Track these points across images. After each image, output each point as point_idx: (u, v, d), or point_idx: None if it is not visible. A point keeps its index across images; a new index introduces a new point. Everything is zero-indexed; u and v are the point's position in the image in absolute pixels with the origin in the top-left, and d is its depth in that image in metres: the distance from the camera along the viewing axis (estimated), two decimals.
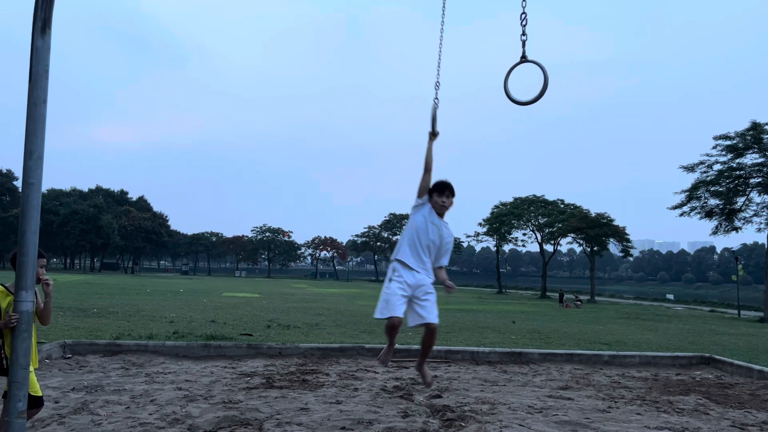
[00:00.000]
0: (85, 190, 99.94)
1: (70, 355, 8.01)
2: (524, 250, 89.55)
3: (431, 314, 4.57)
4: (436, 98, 4.83)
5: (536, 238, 58.44)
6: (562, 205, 56.49)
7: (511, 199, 59.13)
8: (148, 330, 11.32)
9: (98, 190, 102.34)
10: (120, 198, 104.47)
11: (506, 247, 73.15)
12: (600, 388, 7.11)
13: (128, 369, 7.29)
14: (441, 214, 4.72)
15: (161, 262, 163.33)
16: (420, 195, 4.73)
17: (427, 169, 4.71)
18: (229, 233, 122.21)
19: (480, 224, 62.62)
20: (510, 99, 4.72)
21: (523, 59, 4.65)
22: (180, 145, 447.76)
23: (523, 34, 4.61)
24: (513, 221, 57.68)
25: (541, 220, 56.97)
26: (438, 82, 4.90)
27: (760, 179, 32.54)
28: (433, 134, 4.79)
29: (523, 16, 4.56)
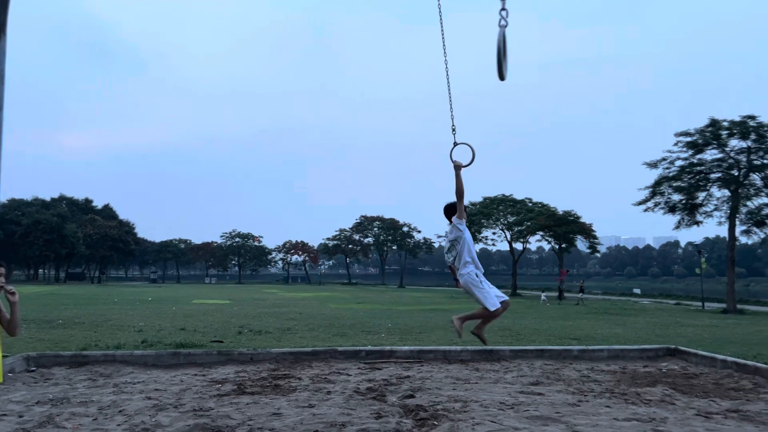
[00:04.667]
0: (48, 199, 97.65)
1: (34, 368, 7.82)
2: (494, 248, 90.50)
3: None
4: (454, 132, 5.71)
5: (506, 236, 59.00)
6: (530, 204, 57.15)
7: (480, 199, 59.63)
8: (115, 340, 11.13)
9: (61, 199, 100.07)
10: (84, 206, 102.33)
11: (477, 247, 73.81)
12: (570, 383, 7.22)
13: (95, 380, 7.14)
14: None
15: (129, 270, 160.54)
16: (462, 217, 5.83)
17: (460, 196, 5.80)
18: (197, 240, 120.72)
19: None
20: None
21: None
22: (144, 152, 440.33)
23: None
24: (483, 221, 58.13)
25: (510, 219, 57.54)
26: (453, 126, 5.72)
27: (719, 174, 33.44)
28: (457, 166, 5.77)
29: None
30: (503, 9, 4.41)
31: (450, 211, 5.88)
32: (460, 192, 5.69)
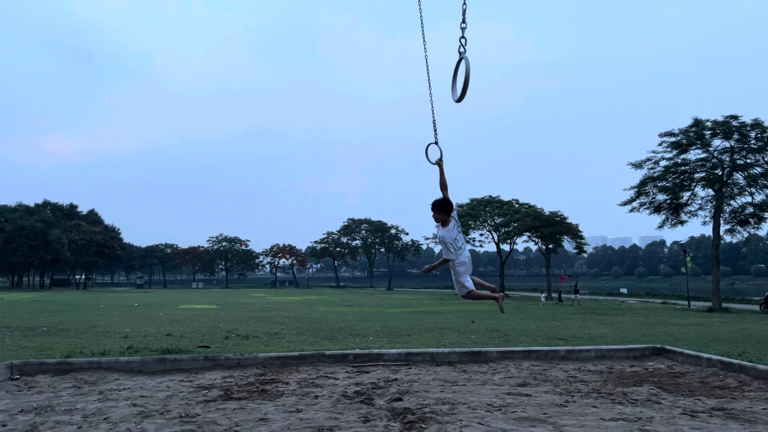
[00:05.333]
0: (32, 204, 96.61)
1: (18, 377, 7.72)
2: (482, 250, 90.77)
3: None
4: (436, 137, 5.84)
5: (493, 238, 59.25)
6: (516, 205, 57.45)
7: (467, 201, 59.82)
8: (101, 346, 11.02)
9: (46, 205, 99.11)
10: (69, 212, 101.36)
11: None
12: (557, 383, 7.24)
13: (80, 387, 7.06)
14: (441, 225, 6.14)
15: (115, 276, 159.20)
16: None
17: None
18: (184, 244, 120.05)
19: (438, 226, 63.11)
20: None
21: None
22: (129, 156, 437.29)
23: (463, 21, 4.69)
24: (470, 222, 58.32)
25: (497, 220, 57.81)
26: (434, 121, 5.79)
27: (703, 174, 33.80)
28: (434, 164, 5.96)
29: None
30: (462, 37, 4.52)
31: (445, 206, 5.98)
32: (447, 185, 6.07)
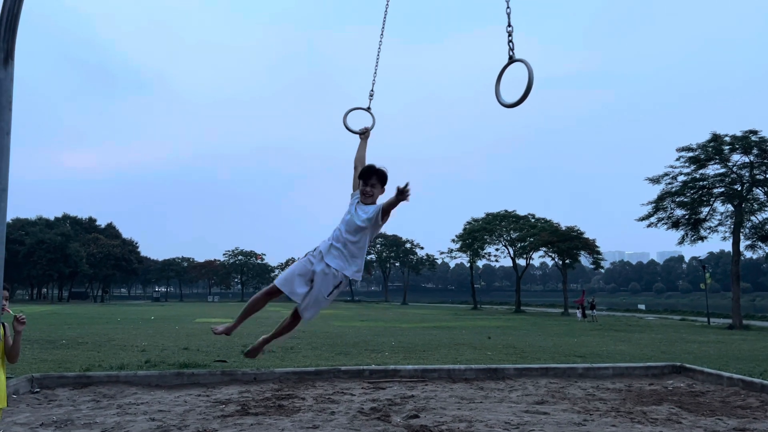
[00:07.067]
0: (52, 218, 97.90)
1: (38, 390, 7.80)
2: (498, 265, 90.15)
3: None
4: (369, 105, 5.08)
5: (509, 252, 58.91)
6: (533, 220, 57.10)
7: (483, 215, 59.64)
8: (119, 360, 11.10)
9: (65, 218, 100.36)
10: (88, 225, 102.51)
11: (480, 263, 73.61)
12: (575, 401, 7.17)
13: (99, 401, 7.12)
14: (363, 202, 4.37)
15: (132, 289, 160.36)
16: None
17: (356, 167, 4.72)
18: (200, 258, 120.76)
19: (453, 240, 62.92)
20: (500, 102, 4.43)
21: (511, 60, 4.34)
22: (148, 171, 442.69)
23: (509, 25, 4.52)
24: (486, 237, 58.10)
25: (513, 235, 57.50)
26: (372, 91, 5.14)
27: (722, 189, 33.39)
28: (356, 133, 4.94)
29: (508, 10, 4.48)
30: (510, 41, 4.40)
31: (386, 179, 4.42)
32: (365, 163, 4.71)
